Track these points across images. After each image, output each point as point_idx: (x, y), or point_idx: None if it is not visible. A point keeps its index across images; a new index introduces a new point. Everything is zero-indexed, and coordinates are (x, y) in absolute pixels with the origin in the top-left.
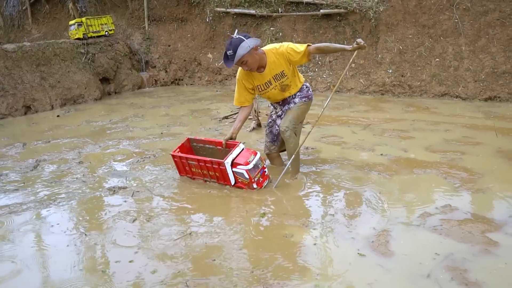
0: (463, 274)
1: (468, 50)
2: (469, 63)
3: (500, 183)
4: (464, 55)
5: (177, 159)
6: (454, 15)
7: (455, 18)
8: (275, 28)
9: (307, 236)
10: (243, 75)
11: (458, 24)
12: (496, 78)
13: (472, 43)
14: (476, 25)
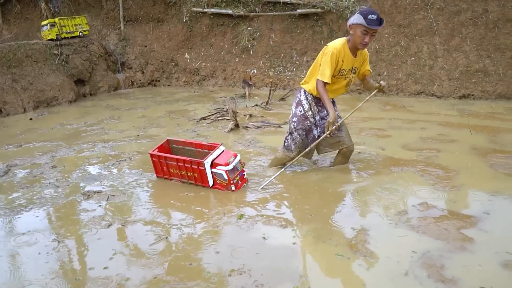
0: (440, 271)
1: (442, 49)
2: (443, 61)
3: (475, 179)
4: (438, 54)
5: (156, 159)
6: (429, 14)
7: (429, 17)
8: (252, 28)
9: (286, 238)
10: (340, 52)
11: (432, 24)
12: (470, 76)
13: (446, 42)
14: (450, 25)
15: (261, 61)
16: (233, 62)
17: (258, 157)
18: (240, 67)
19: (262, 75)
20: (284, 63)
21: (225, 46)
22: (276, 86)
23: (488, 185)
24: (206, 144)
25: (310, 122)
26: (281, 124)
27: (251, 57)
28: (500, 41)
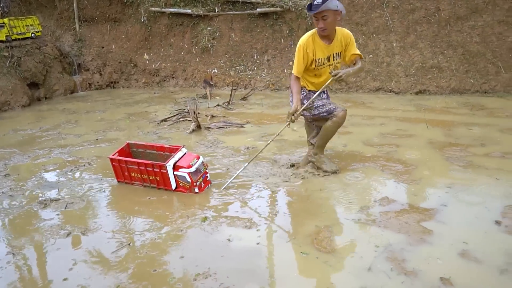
0: (402, 264)
1: (398, 46)
2: (400, 58)
3: (432, 173)
4: (395, 51)
5: (116, 163)
6: (385, 13)
7: (385, 16)
8: (212, 27)
9: (250, 238)
10: (308, 44)
11: (388, 22)
12: (425, 72)
13: (402, 40)
14: (405, 23)
15: (222, 61)
16: (193, 62)
17: (221, 158)
18: (201, 67)
19: (223, 75)
20: (245, 62)
21: (185, 46)
22: (237, 85)
23: (444, 178)
24: (168, 146)
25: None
26: (243, 124)
27: (211, 56)
28: (452, 38)
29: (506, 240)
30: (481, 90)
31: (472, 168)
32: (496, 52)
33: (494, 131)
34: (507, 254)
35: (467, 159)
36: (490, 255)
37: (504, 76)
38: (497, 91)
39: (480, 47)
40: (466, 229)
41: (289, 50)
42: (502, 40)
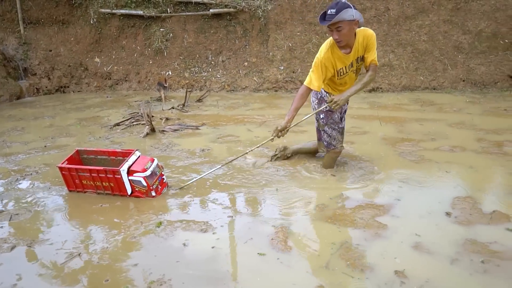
0: (358, 260)
1: None
2: None
3: (387, 168)
4: None
5: (65, 172)
6: None
7: None
8: (165, 29)
9: (206, 242)
10: (327, 58)
11: None
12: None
13: None
14: None
15: (176, 63)
16: (146, 65)
17: (176, 161)
18: (155, 70)
19: (178, 77)
20: (200, 64)
21: (138, 48)
22: (192, 87)
23: (398, 173)
24: (120, 151)
25: (337, 115)
26: (199, 126)
27: (165, 58)
28: (402, 37)
29: (456, 230)
30: (430, 87)
31: (423, 162)
32: (443, 50)
33: (443, 125)
34: (457, 244)
35: (419, 154)
36: (441, 246)
37: (451, 73)
38: (445, 87)
39: (428, 46)
40: (419, 222)
41: (243, 50)
42: (447, 39)
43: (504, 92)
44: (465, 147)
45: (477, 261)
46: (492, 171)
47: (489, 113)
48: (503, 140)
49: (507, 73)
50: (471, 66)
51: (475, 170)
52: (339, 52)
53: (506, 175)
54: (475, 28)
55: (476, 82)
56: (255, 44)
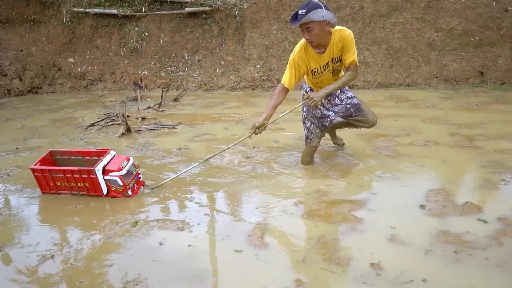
0: (334, 253)
1: None
2: None
3: (363, 163)
4: None
5: (38, 173)
6: None
7: None
8: (140, 28)
9: (183, 240)
10: (299, 56)
11: None
12: None
13: None
14: None
15: (152, 62)
16: (122, 64)
17: (152, 161)
18: (130, 69)
19: (154, 76)
20: (176, 63)
21: (112, 48)
22: (168, 87)
23: (374, 168)
24: (95, 150)
25: (320, 110)
26: (175, 125)
27: (140, 58)
28: (376, 34)
29: (430, 222)
30: (404, 84)
31: (398, 156)
32: (416, 47)
33: (417, 121)
34: (431, 236)
35: (394, 149)
36: (416, 238)
37: (424, 70)
38: (419, 84)
39: (402, 43)
40: (394, 215)
41: (220, 49)
42: (421, 36)
43: (475, 88)
44: (438, 141)
45: (450, 251)
46: (464, 164)
47: (461, 108)
48: (474, 134)
49: (478, 70)
50: (444, 63)
51: (448, 164)
52: (313, 52)
53: (478, 168)
54: (447, 26)
55: (449, 79)
56: (231, 43)
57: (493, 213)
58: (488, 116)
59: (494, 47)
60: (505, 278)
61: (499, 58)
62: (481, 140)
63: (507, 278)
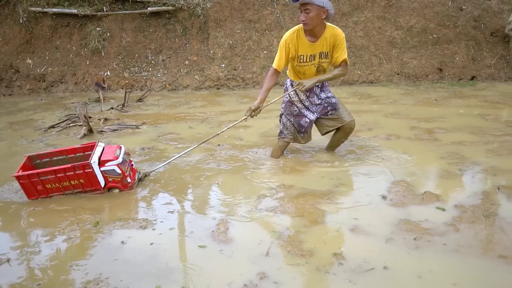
0: (298, 246)
1: None
2: None
3: (327, 158)
4: None
5: (24, 180)
6: (276, 10)
7: (276, 13)
8: (101, 28)
9: (146, 238)
10: (291, 39)
11: (280, 19)
12: None
13: None
14: (295, 19)
15: (115, 63)
16: (83, 65)
17: None
18: (92, 70)
19: (117, 77)
20: (139, 64)
21: (73, 48)
22: (132, 87)
23: (338, 162)
24: (80, 146)
25: (297, 108)
26: (139, 125)
27: (103, 58)
28: None
29: (391, 212)
30: (367, 81)
31: (361, 150)
32: (378, 45)
33: (379, 116)
34: (392, 224)
35: (357, 143)
36: (377, 228)
37: (386, 67)
38: (381, 80)
39: (364, 41)
40: (356, 207)
41: (184, 49)
42: (382, 34)
43: (434, 84)
44: (399, 135)
45: (410, 239)
46: (424, 156)
47: (421, 103)
48: (433, 128)
49: (436, 66)
50: (404, 60)
51: (409, 156)
52: (304, 38)
53: (437, 159)
54: (407, 24)
55: (409, 75)
56: (195, 42)
57: (451, 201)
58: (446, 110)
59: (451, 45)
60: (461, 261)
61: (456, 55)
62: (440, 133)
63: (463, 262)
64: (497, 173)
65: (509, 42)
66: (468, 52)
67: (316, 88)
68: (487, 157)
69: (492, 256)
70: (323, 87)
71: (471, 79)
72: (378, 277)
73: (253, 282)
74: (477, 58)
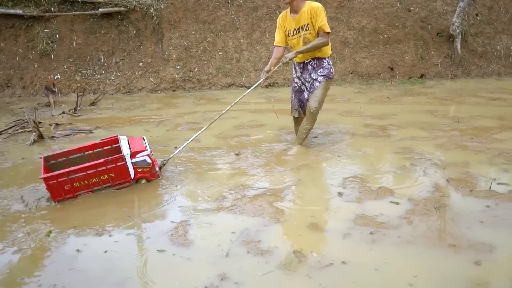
0: (258, 245)
1: (246, 42)
2: (248, 54)
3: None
4: (243, 47)
5: (53, 180)
6: (230, 11)
7: (231, 14)
8: (50, 29)
9: (102, 245)
10: (281, 17)
11: (234, 19)
12: None
13: (248, 36)
14: (250, 20)
15: (65, 66)
16: (31, 69)
17: None
18: (41, 74)
19: (68, 80)
20: (92, 66)
21: (20, 51)
22: (84, 91)
23: (294, 160)
24: (100, 141)
25: (296, 84)
26: (93, 130)
27: (52, 61)
28: None
29: (348, 208)
30: None
31: (318, 148)
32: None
33: (334, 114)
34: (349, 220)
35: (313, 141)
36: (335, 224)
37: (340, 67)
38: (335, 80)
39: None
40: (314, 204)
41: (138, 51)
42: (335, 34)
43: (386, 82)
44: (354, 132)
45: (366, 233)
46: (378, 152)
47: (374, 101)
48: (386, 124)
49: (388, 65)
50: (357, 59)
51: (363, 152)
52: (289, 15)
53: (390, 155)
54: (358, 25)
55: (362, 74)
56: (149, 44)
57: (404, 195)
58: (398, 108)
59: (401, 44)
60: (415, 252)
61: (406, 54)
62: (393, 130)
63: (417, 252)
64: (446, 167)
65: (454, 41)
66: (417, 52)
67: (310, 67)
68: (437, 152)
69: (443, 246)
70: (317, 67)
71: (420, 77)
72: (337, 271)
73: (214, 284)
74: (425, 57)
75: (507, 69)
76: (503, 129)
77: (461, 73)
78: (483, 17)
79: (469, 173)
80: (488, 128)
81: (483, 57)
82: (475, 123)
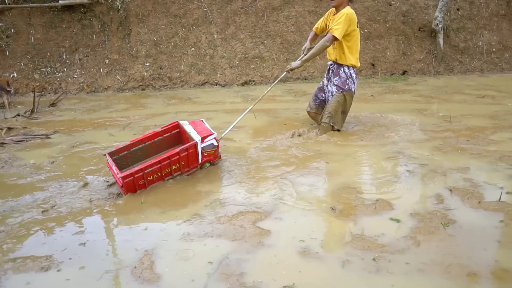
0: (240, 279)
1: (220, 38)
2: (223, 50)
3: (266, 164)
4: (217, 43)
5: (130, 177)
6: (203, 4)
7: (204, 7)
8: (4, 23)
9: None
10: (330, 11)
11: (207, 13)
12: (248, 63)
13: (222, 31)
14: (224, 14)
15: (22, 63)
16: None
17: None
18: None
19: (26, 79)
20: (52, 63)
21: None
22: (44, 90)
23: (276, 168)
24: (161, 130)
25: (323, 81)
26: (50, 134)
27: (7, 58)
28: (270, 28)
29: (342, 227)
30: (301, 77)
31: (302, 152)
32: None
33: None
34: (346, 243)
35: (298, 147)
36: (330, 248)
37: (319, 63)
38: (315, 77)
39: (296, 36)
40: (304, 222)
41: (103, 47)
42: None
43: (368, 79)
44: (341, 136)
45: (368, 260)
46: (370, 158)
47: (358, 100)
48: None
49: (369, 61)
50: None
51: (352, 158)
52: (333, 12)
53: (383, 161)
54: None
55: None
56: (116, 39)
57: (405, 210)
58: (384, 106)
59: (382, 39)
60: (428, 283)
61: (387, 50)
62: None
63: (430, 284)
64: (446, 173)
65: (436, 37)
66: (399, 47)
67: (330, 71)
68: (433, 156)
69: (461, 275)
70: (335, 75)
71: (403, 74)
72: None
73: None
74: (407, 52)
75: (489, 65)
76: (498, 129)
77: (443, 69)
78: (465, 12)
79: (473, 181)
80: (482, 128)
81: (465, 53)
82: (467, 123)
